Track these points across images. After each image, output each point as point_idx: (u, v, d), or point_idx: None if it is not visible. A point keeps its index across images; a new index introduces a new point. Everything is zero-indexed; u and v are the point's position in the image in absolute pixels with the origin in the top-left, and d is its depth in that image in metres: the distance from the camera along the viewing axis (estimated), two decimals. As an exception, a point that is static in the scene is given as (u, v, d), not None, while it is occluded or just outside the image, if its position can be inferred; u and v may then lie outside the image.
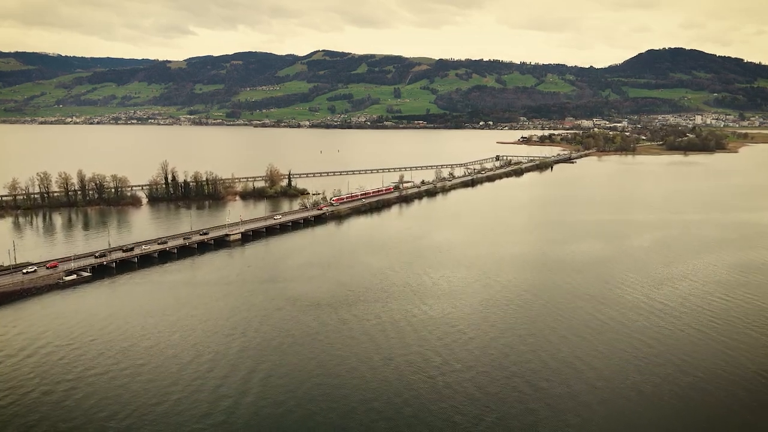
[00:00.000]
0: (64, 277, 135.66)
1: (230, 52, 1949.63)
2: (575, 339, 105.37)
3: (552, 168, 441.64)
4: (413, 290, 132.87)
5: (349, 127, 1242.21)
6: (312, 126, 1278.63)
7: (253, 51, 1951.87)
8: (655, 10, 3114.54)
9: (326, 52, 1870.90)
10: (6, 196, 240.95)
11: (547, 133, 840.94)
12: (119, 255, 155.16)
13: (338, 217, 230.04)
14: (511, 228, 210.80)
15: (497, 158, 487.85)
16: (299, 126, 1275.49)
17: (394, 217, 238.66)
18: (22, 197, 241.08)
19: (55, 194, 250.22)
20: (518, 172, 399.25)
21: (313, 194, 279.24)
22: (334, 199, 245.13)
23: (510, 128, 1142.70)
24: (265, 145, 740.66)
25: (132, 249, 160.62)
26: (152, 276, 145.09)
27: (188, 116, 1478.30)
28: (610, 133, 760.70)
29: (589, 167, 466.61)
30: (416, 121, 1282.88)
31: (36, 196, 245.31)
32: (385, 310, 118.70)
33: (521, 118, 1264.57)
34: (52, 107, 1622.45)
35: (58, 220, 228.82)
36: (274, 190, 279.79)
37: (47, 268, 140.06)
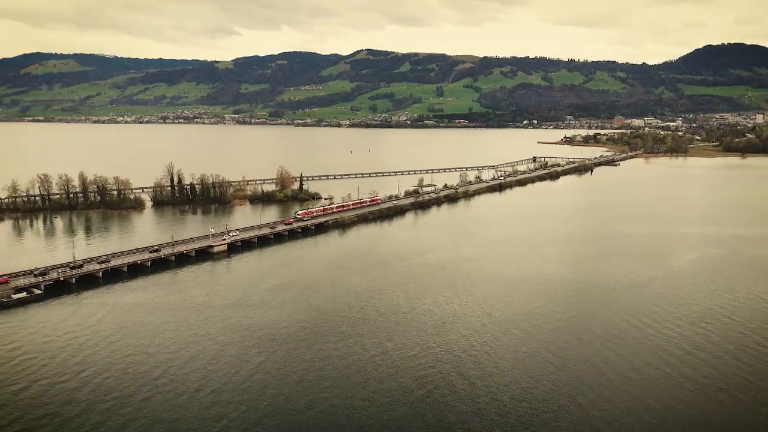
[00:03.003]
0: (11, 295, 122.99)
1: (276, 52, 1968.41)
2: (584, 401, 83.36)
3: (592, 171, 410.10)
4: (397, 321, 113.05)
5: (389, 127, 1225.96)
6: (352, 125, 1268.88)
7: (298, 51, 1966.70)
8: (708, 5, 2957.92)
9: (369, 51, 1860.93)
10: (6, 198, 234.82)
11: (592, 132, 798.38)
12: (84, 269, 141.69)
13: (342, 225, 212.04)
14: (533, 241, 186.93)
15: (533, 160, 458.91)
16: (339, 125, 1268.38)
17: (404, 227, 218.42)
18: (22, 200, 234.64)
19: (56, 197, 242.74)
20: (553, 176, 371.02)
21: (325, 198, 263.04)
22: (299, 213, 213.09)
23: (555, 127, 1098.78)
24: (297, 145, 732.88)
25: (108, 261, 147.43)
26: (109, 295, 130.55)
27: (233, 115, 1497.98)
28: (661, 133, 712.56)
29: (633, 170, 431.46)
30: (457, 120, 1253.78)
31: (37, 198, 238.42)
32: (355, 350, 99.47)
33: (567, 117, 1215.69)
34: (105, 107, 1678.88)
35: (57, 223, 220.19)
36: (284, 194, 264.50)
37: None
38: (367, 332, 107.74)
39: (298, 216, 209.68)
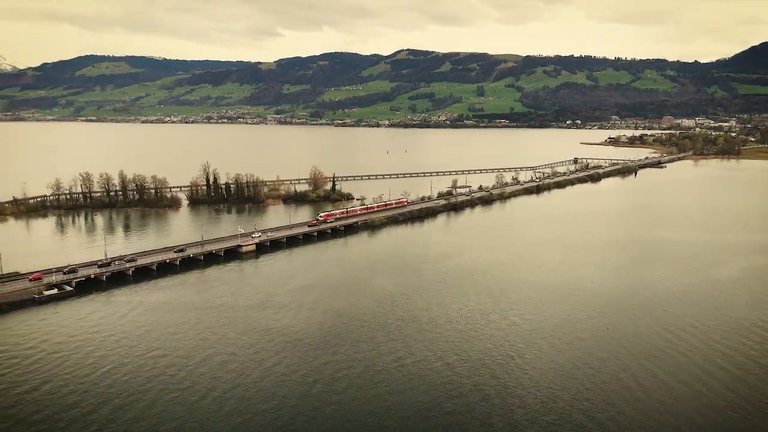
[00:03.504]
0: (43, 292, 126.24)
1: (317, 53, 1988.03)
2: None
3: (636, 173, 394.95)
4: (418, 329, 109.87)
5: (428, 127, 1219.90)
6: (391, 125, 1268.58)
7: (339, 51, 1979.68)
8: (765, 0, 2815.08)
9: (410, 51, 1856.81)
10: (50, 196, 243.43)
11: (638, 133, 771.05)
12: (112, 267, 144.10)
13: (372, 226, 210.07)
14: (568, 246, 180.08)
15: (575, 161, 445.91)
16: (378, 125, 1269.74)
17: (435, 229, 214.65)
18: (65, 197, 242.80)
19: (97, 195, 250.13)
20: (594, 178, 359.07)
21: (356, 199, 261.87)
22: (321, 215, 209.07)
23: (599, 128, 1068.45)
24: (335, 145, 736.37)
25: (134, 260, 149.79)
26: (136, 294, 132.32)
27: (274, 116, 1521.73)
28: (713, 133, 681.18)
29: (680, 173, 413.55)
30: (498, 120, 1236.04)
31: (78, 196, 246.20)
32: (371, 358, 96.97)
33: (613, 117, 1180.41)
34: (154, 107, 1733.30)
35: (97, 221, 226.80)
36: (316, 194, 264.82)
37: (30, 280, 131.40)
38: (385, 339, 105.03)
39: (320, 218, 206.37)
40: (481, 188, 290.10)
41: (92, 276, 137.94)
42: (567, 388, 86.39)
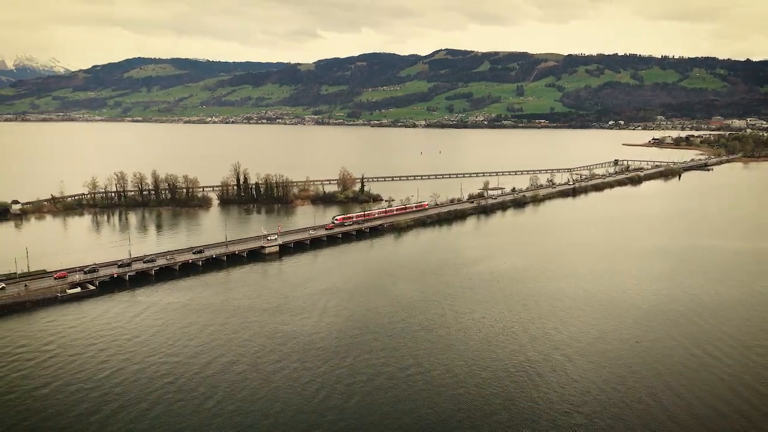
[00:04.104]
0: (67, 290, 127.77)
1: (355, 54, 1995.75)
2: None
3: (680, 176, 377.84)
4: (439, 336, 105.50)
5: (465, 127, 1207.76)
6: (428, 126, 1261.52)
7: (377, 52, 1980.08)
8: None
9: (448, 51, 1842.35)
10: (87, 194, 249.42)
11: (684, 134, 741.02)
12: (132, 267, 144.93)
13: (398, 229, 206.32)
14: (603, 253, 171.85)
15: (615, 163, 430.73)
16: (414, 126, 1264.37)
17: (463, 233, 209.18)
18: (100, 196, 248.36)
19: (131, 194, 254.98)
20: (635, 180, 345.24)
21: (385, 201, 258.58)
22: (338, 218, 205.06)
23: (644, 128, 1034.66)
24: (369, 145, 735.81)
25: (153, 260, 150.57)
26: (156, 294, 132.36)
27: (312, 116, 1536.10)
28: (765, 134, 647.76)
29: (728, 176, 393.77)
30: (537, 120, 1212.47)
31: (113, 195, 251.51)
32: (389, 366, 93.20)
33: (658, 117, 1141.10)
34: (196, 108, 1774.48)
35: (129, 220, 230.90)
36: (345, 195, 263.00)
37: (55, 278, 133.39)
38: (404, 346, 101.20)
39: (336, 221, 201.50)
40: (513, 190, 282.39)
41: (115, 275, 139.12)
42: (584, 403, 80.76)
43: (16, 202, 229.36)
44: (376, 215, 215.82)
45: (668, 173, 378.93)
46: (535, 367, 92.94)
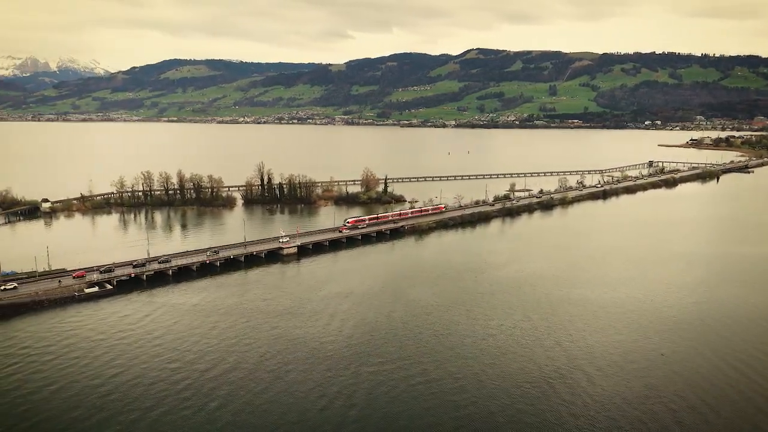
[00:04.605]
0: (84, 289, 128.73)
1: (386, 54, 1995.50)
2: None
3: (718, 178, 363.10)
4: (451, 344, 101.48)
5: (496, 127, 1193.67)
6: (457, 126, 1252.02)
7: (408, 52, 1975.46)
8: None
9: (480, 51, 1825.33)
10: (114, 193, 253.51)
11: (724, 134, 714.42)
12: (147, 267, 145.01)
13: (419, 231, 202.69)
14: (631, 259, 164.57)
15: (649, 164, 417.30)
16: (444, 126, 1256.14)
17: (486, 236, 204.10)
18: (128, 195, 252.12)
19: (157, 193, 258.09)
20: (670, 183, 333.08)
21: (408, 202, 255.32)
22: (349, 220, 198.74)
23: (681, 129, 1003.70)
24: (396, 145, 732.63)
25: (168, 260, 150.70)
26: (171, 295, 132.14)
27: (342, 116, 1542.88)
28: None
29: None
30: (570, 120, 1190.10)
31: (140, 194, 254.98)
32: (397, 375, 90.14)
33: (697, 117, 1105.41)
34: (230, 108, 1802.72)
35: (155, 219, 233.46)
36: (368, 195, 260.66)
37: (74, 277, 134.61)
38: (414, 355, 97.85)
39: (348, 224, 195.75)
40: (541, 192, 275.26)
41: (132, 275, 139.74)
42: (600, 423, 75.92)
43: (46, 200, 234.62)
44: (390, 217, 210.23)
45: (706, 175, 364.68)
46: (549, 381, 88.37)
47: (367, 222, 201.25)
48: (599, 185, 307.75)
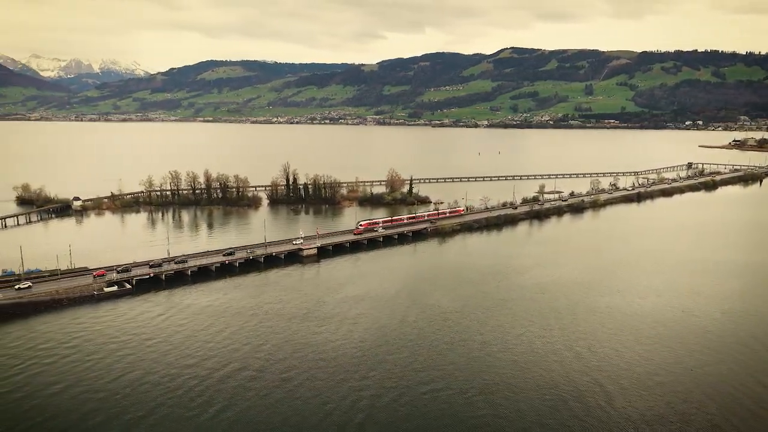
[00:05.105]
0: (104, 288, 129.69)
1: (419, 54, 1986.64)
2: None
3: (761, 181, 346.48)
4: (466, 353, 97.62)
5: (529, 127, 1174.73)
6: (490, 126, 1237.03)
7: (441, 52, 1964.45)
8: None
9: (514, 50, 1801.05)
10: (143, 192, 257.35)
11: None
12: (163, 267, 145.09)
13: (442, 233, 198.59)
14: (664, 266, 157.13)
15: (688, 166, 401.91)
16: (476, 126, 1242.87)
17: (512, 239, 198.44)
18: (156, 194, 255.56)
19: (184, 192, 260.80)
20: (709, 185, 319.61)
21: (434, 203, 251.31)
22: (362, 223, 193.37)
23: (724, 129, 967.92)
24: (426, 145, 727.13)
25: (185, 261, 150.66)
26: (188, 295, 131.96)
27: (374, 116, 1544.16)
28: None
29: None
30: (607, 120, 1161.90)
31: (168, 193, 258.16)
32: (404, 384, 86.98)
33: (741, 117, 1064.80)
34: (264, 108, 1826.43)
35: (182, 218, 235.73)
36: (392, 196, 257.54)
37: (95, 276, 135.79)
38: (425, 363, 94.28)
39: (361, 226, 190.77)
40: (572, 195, 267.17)
41: (151, 275, 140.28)
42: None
43: (77, 198, 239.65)
44: (405, 220, 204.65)
45: (748, 178, 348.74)
46: (572, 394, 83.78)
47: (381, 225, 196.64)
48: (635, 187, 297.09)
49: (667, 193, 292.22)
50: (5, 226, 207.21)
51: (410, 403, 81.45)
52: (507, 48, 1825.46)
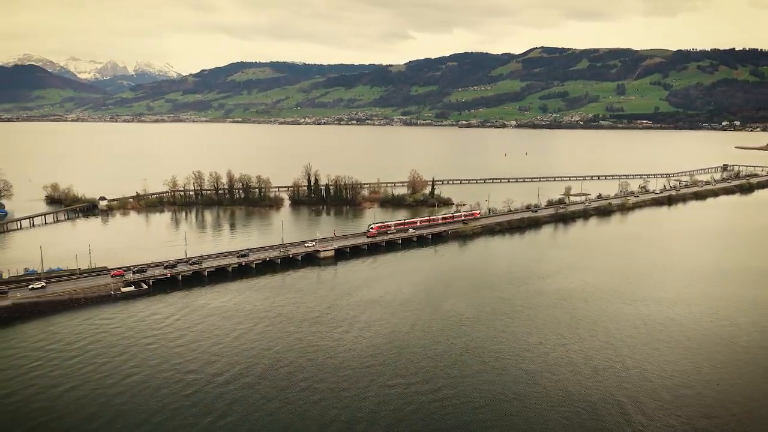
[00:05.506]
0: (121, 288, 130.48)
1: (447, 54, 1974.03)
2: None
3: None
4: (480, 364, 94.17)
5: (558, 127, 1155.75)
6: (518, 126, 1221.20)
7: (469, 52, 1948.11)
8: None
9: (544, 49, 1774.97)
10: (167, 192, 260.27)
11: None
12: (178, 268, 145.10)
13: (463, 236, 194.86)
14: (695, 273, 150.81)
15: (723, 168, 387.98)
16: (504, 126, 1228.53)
17: (536, 243, 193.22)
18: (179, 194, 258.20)
19: (208, 192, 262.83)
20: (745, 188, 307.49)
21: (456, 204, 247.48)
22: (374, 226, 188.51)
23: (763, 130, 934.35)
24: (452, 146, 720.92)
25: (199, 262, 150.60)
26: (203, 296, 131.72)
27: (401, 117, 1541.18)
28: None
29: None
30: (639, 121, 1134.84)
31: (191, 193, 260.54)
32: (407, 393, 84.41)
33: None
34: (292, 109, 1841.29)
35: (205, 218, 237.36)
36: (414, 198, 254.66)
37: (112, 276, 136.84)
38: (435, 370, 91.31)
39: (372, 229, 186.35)
40: (599, 197, 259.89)
41: (168, 275, 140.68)
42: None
43: (103, 198, 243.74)
44: (419, 224, 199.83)
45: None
46: (587, 409, 79.80)
47: (393, 227, 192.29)
48: (666, 190, 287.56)
49: (699, 196, 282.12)
50: (33, 225, 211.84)
51: (416, 412, 78.88)
52: (536, 47, 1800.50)
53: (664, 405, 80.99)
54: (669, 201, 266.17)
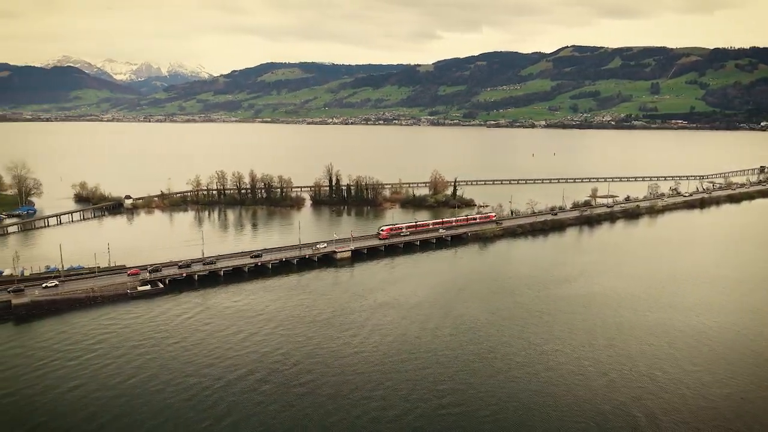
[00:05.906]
0: (138, 287, 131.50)
1: (475, 53, 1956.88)
2: None
3: None
4: (493, 371, 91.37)
5: (589, 128, 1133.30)
6: (547, 126, 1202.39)
7: (498, 51, 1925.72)
8: None
9: (575, 48, 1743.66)
10: (191, 191, 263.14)
11: None
12: (197, 268, 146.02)
13: (483, 239, 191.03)
14: (721, 280, 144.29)
15: (761, 170, 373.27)
16: (533, 126, 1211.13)
17: (558, 246, 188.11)
18: (203, 194, 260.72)
19: (230, 191, 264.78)
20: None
21: (479, 206, 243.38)
22: (384, 228, 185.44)
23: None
24: (479, 146, 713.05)
25: (214, 262, 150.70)
26: (217, 296, 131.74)
27: (428, 117, 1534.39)
28: None
29: None
30: (673, 121, 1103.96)
31: (214, 192, 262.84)
32: (411, 400, 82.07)
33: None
34: (320, 109, 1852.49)
35: (228, 217, 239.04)
36: (435, 199, 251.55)
37: (128, 275, 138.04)
38: (444, 379, 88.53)
39: (383, 231, 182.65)
40: (627, 199, 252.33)
41: (184, 275, 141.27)
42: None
43: (128, 197, 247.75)
44: (431, 226, 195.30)
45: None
46: (603, 422, 76.17)
47: (404, 230, 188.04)
48: (698, 192, 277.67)
49: (734, 198, 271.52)
50: (60, 223, 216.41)
51: (418, 419, 76.54)
52: (567, 46, 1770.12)
53: (687, 418, 76.86)
54: (701, 204, 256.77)
